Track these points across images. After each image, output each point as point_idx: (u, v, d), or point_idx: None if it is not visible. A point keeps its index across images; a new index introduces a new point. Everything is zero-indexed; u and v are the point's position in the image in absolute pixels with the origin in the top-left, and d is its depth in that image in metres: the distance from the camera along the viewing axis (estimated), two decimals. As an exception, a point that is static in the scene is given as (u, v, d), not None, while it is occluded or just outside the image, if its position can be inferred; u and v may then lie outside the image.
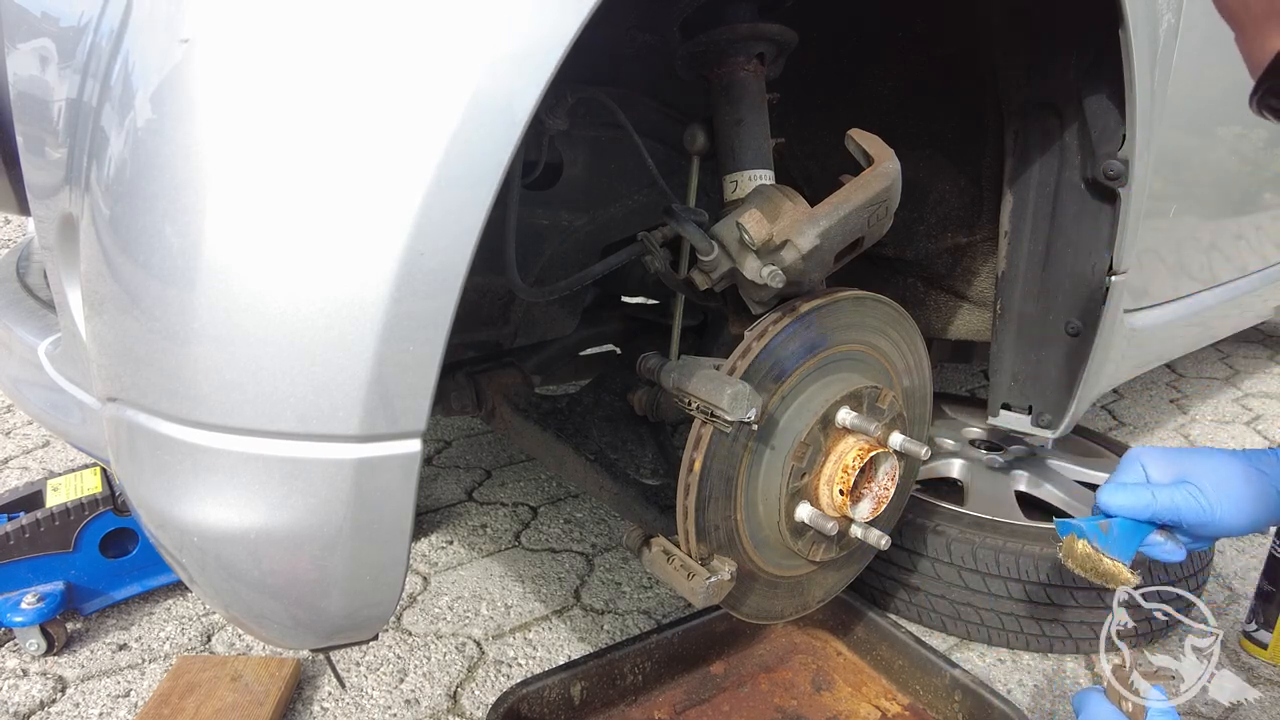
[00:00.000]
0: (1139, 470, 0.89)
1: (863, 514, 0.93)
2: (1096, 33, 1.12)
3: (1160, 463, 0.89)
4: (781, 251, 0.84)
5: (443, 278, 0.63)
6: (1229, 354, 3.15)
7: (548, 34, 0.63)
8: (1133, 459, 0.90)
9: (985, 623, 1.38)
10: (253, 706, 1.20)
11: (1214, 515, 0.83)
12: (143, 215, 0.62)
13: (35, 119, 0.81)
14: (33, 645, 1.35)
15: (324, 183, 0.60)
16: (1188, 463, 0.87)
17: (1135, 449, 0.92)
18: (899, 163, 0.90)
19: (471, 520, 1.85)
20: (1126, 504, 0.86)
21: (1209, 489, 0.83)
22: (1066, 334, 1.33)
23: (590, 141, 1.27)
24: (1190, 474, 0.86)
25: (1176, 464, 0.88)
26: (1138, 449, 0.92)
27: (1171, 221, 1.52)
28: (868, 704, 1.22)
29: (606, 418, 1.25)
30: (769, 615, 1.02)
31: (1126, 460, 0.91)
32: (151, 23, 0.63)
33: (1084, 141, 1.20)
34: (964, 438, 1.80)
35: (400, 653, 1.38)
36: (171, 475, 0.67)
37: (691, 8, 0.96)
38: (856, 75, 1.41)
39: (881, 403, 0.95)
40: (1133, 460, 0.90)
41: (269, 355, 0.62)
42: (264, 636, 0.80)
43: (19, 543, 1.36)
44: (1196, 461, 0.87)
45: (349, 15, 0.60)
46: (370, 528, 0.69)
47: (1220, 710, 1.24)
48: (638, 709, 1.20)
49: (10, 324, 1.10)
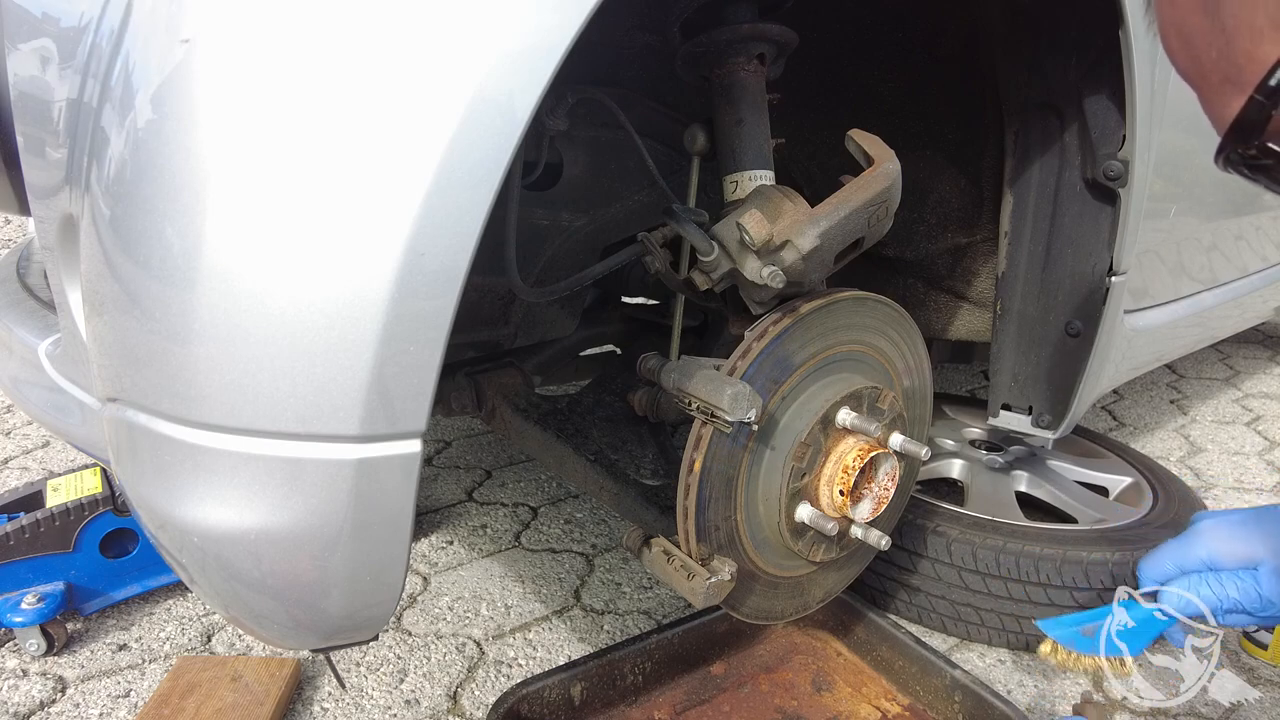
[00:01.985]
0: (1201, 553, 0.80)
1: (863, 514, 0.93)
2: (1097, 33, 1.12)
3: (1229, 538, 0.80)
4: (782, 252, 0.84)
5: (443, 278, 0.63)
6: (1229, 354, 3.15)
7: (548, 34, 0.63)
8: (1198, 536, 0.81)
9: (985, 623, 1.38)
10: (253, 706, 1.20)
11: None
12: (143, 215, 0.63)
13: (35, 119, 0.81)
14: (33, 645, 1.35)
15: (325, 183, 0.60)
16: (1263, 541, 0.78)
17: (1205, 521, 0.83)
18: (899, 163, 0.90)
19: (471, 520, 1.85)
20: (1176, 605, 0.78)
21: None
22: (1067, 334, 1.33)
23: (590, 142, 1.27)
24: (1267, 556, 0.77)
25: (1250, 541, 0.79)
26: (1207, 521, 0.82)
27: (1172, 222, 1.52)
28: (868, 705, 1.22)
29: (607, 418, 1.25)
30: (769, 616, 1.02)
31: (1191, 536, 0.82)
32: (152, 23, 0.63)
33: (1084, 142, 1.20)
34: (964, 438, 1.80)
35: (400, 653, 1.38)
36: (172, 475, 0.67)
37: (691, 8, 0.96)
38: (857, 75, 1.41)
39: (882, 403, 0.95)
40: (1198, 538, 0.81)
41: (269, 355, 0.62)
42: (264, 637, 0.80)
43: (19, 543, 1.36)
44: (1275, 536, 0.77)
45: (350, 16, 0.60)
46: (370, 528, 0.69)
47: (1220, 710, 1.24)
48: (638, 709, 1.20)
49: (10, 324, 1.10)
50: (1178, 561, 0.83)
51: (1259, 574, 0.77)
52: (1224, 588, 0.78)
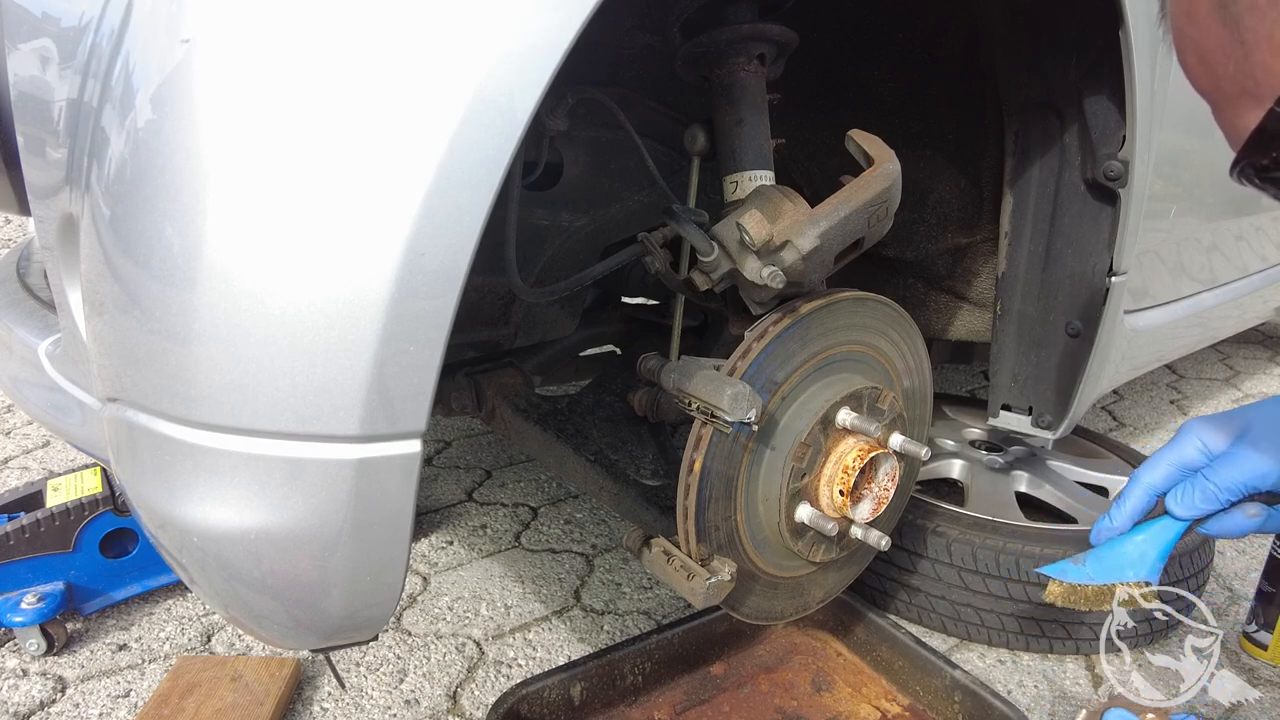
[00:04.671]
0: (1194, 442, 0.84)
1: (863, 515, 0.93)
2: (1097, 33, 1.12)
3: (1215, 428, 0.83)
4: (782, 252, 0.84)
5: (443, 278, 0.63)
6: (1229, 354, 3.15)
7: (548, 34, 0.63)
8: (1187, 434, 0.86)
9: (985, 623, 1.38)
10: (253, 706, 1.20)
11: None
12: (143, 215, 0.63)
13: (36, 119, 0.81)
14: (33, 645, 1.35)
15: (325, 183, 0.60)
16: (1245, 416, 0.81)
17: (1190, 422, 0.87)
18: (899, 163, 0.90)
19: (471, 520, 1.85)
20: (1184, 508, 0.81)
21: (1271, 439, 0.78)
22: (1067, 335, 1.33)
23: (590, 142, 1.27)
24: (1251, 424, 0.80)
25: (1232, 420, 0.82)
26: (1192, 421, 0.86)
27: (1172, 222, 1.52)
28: (868, 705, 1.22)
29: (607, 418, 1.25)
30: (769, 616, 1.02)
31: (1181, 436, 0.86)
32: (152, 23, 0.63)
33: (1084, 142, 1.20)
34: (964, 438, 1.80)
35: (400, 653, 1.38)
36: (172, 475, 0.67)
37: (692, 8, 0.96)
38: (857, 75, 1.41)
39: (882, 403, 0.95)
40: (1187, 435, 0.86)
41: (269, 355, 0.62)
42: (264, 637, 0.80)
43: (19, 543, 1.36)
44: (1255, 413, 0.81)
45: (350, 16, 0.60)
46: (370, 528, 0.69)
47: (1220, 710, 1.24)
48: (638, 709, 1.20)
49: (10, 324, 1.10)
50: (1174, 460, 0.85)
51: (1250, 439, 0.79)
52: (1228, 471, 0.79)
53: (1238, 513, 0.82)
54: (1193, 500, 0.83)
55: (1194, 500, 0.83)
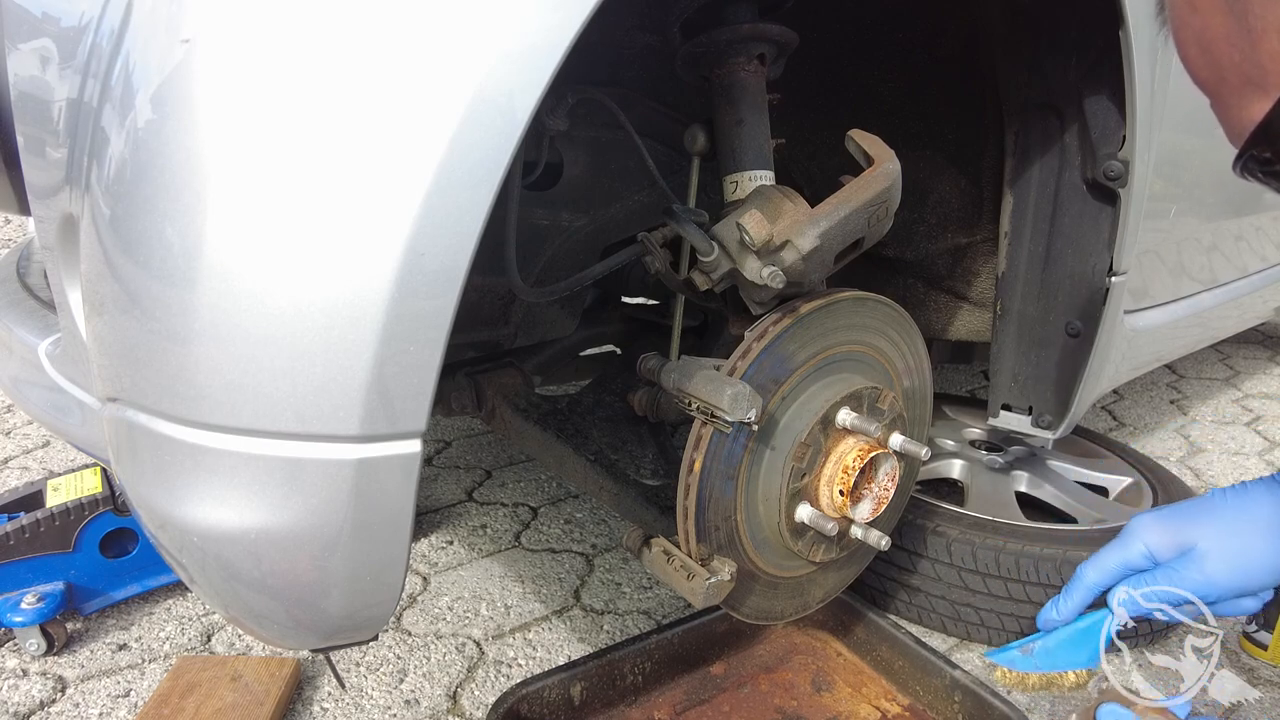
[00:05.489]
0: (1139, 547, 0.82)
1: (863, 515, 0.93)
2: (1097, 33, 1.12)
3: (1162, 530, 0.81)
4: (782, 252, 0.84)
5: (443, 278, 0.63)
6: (1229, 354, 3.15)
7: (549, 34, 0.63)
8: (1133, 534, 0.83)
9: (985, 623, 1.38)
10: (253, 706, 1.20)
11: (1226, 589, 0.76)
12: (143, 215, 0.63)
13: (36, 119, 0.81)
14: (33, 645, 1.35)
15: (325, 183, 0.60)
16: (1195, 526, 0.79)
17: (1138, 518, 0.84)
18: (899, 163, 0.90)
19: (471, 520, 1.85)
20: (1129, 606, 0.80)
21: (1216, 559, 0.76)
22: (1067, 335, 1.33)
23: (590, 142, 1.27)
24: (1199, 540, 0.78)
25: (1181, 530, 0.79)
26: (1140, 517, 0.84)
27: (1172, 222, 1.52)
28: (868, 705, 1.22)
29: (607, 418, 1.25)
30: (769, 616, 1.02)
31: (1128, 535, 0.84)
32: (152, 23, 0.63)
33: (1084, 142, 1.20)
34: (964, 438, 1.80)
35: (400, 653, 1.38)
36: (172, 475, 0.67)
37: (692, 8, 0.96)
38: (857, 75, 1.41)
39: (882, 403, 0.95)
40: (1133, 535, 0.83)
41: (269, 355, 0.62)
42: (264, 637, 0.80)
43: (19, 543, 1.36)
44: (1206, 522, 0.78)
45: (350, 16, 0.60)
46: (370, 528, 0.69)
47: (1220, 710, 1.24)
48: (638, 709, 1.20)
49: (10, 324, 1.10)
50: (1118, 560, 0.84)
51: (1195, 557, 0.78)
52: (1167, 583, 0.79)
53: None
54: (1133, 603, 0.83)
55: (1134, 603, 0.83)
